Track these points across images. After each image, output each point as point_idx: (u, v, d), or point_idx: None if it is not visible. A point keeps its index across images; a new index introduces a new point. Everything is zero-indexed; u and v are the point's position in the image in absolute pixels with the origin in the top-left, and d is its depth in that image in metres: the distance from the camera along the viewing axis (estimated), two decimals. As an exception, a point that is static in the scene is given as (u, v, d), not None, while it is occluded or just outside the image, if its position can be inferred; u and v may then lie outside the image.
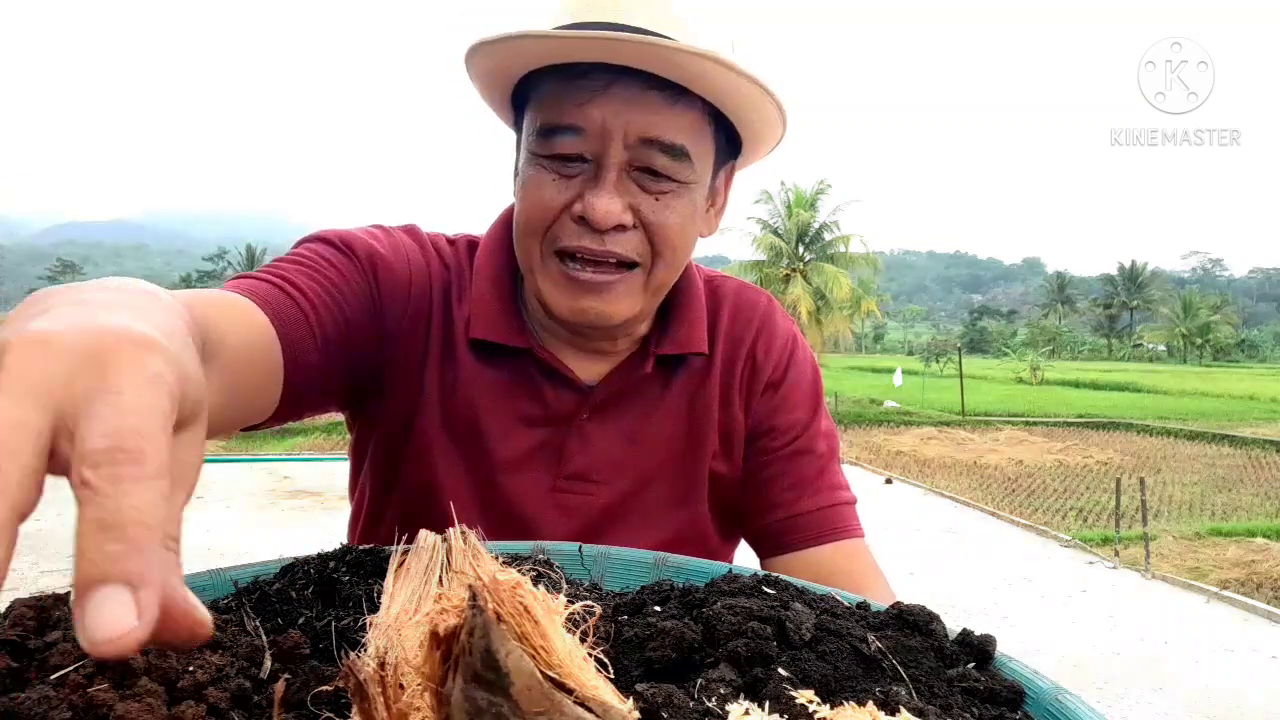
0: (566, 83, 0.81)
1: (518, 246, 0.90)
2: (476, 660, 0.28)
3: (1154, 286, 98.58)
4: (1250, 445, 17.05)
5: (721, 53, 0.78)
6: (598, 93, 0.80)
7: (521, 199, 0.87)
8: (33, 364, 0.29)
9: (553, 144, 0.82)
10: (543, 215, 0.84)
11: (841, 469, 1.03)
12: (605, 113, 0.80)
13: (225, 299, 0.72)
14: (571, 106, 0.81)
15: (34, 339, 0.30)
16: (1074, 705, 0.44)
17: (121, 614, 0.26)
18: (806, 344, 1.07)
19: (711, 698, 0.39)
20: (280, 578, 0.55)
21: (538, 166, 0.84)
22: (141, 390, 0.30)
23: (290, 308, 0.78)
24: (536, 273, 0.87)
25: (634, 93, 0.80)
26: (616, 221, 0.82)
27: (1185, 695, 5.06)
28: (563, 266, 0.85)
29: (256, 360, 0.73)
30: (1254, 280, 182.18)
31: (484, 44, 0.81)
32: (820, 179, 42.18)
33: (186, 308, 0.43)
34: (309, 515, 9.11)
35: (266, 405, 0.78)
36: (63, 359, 0.30)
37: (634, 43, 0.75)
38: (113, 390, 0.29)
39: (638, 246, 0.85)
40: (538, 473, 0.94)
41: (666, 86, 0.80)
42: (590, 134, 0.81)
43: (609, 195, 0.81)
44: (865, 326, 68.01)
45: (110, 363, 0.30)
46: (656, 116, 0.81)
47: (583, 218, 0.82)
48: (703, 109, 0.83)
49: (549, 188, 0.84)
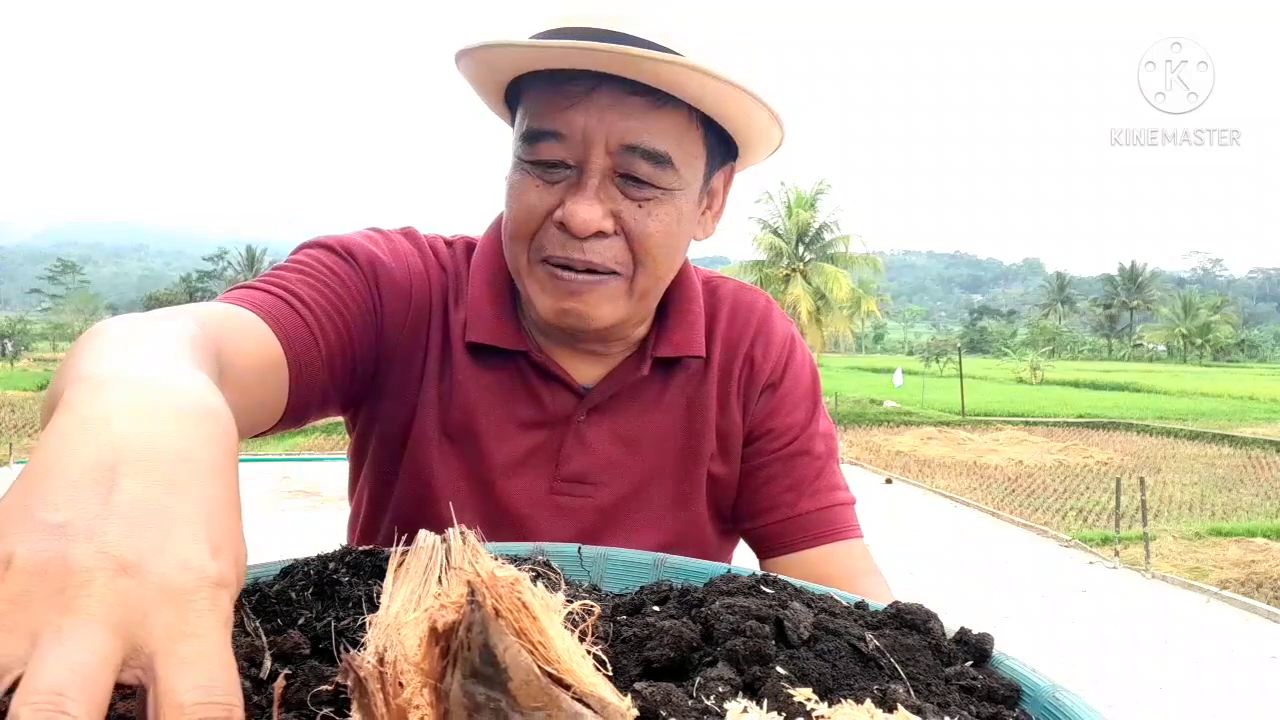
0: (552, 88, 0.81)
1: (506, 251, 0.90)
2: (475, 655, 0.28)
3: (1154, 286, 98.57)
4: (1250, 445, 17.06)
5: (707, 60, 0.77)
6: (580, 98, 0.80)
7: (508, 204, 0.87)
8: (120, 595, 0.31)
9: (536, 149, 0.82)
10: (527, 221, 0.84)
11: (840, 470, 1.03)
12: (588, 119, 0.80)
13: (232, 317, 0.72)
14: (554, 112, 0.81)
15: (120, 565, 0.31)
16: (1071, 703, 0.45)
17: None
18: (805, 345, 1.07)
19: (710, 696, 0.39)
20: (280, 578, 0.55)
21: (523, 172, 0.85)
22: (220, 637, 0.32)
23: (295, 321, 0.79)
24: (525, 276, 0.88)
25: (617, 98, 0.79)
26: (596, 229, 0.81)
27: (1185, 695, 5.06)
28: (549, 270, 0.85)
29: (264, 376, 0.74)
30: (1254, 280, 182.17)
31: (466, 52, 0.82)
32: (820, 179, 42.20)
33: (208, 344, 0.46)
34: (309, 515, 9.11)
35: (271, 416, 0.79)
36: (146, 593, 0.31)
37: (612, 53, 0.75)
38: (194, 634, 0.31)
39: (618, 254, 0.84)
40: (535, 475, 0.94)
41: (651, 91, 0.79)
42: (572, 140, 0.81)
43: (589, 203, 0.81)
44: (865, 326, 67.94)
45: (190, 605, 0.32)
46: (639, 123, 0.80)
47: (564, 224, 0.82)
48: (689, 113, 0.82)
49: (532, 194, 0.84)
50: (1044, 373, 40.03)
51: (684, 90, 0.79)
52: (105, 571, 0.31)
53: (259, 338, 0.74)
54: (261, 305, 0.77)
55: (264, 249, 77.65)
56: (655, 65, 0.76)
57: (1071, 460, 14.82)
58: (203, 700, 0.29)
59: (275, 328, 0.76)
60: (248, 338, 0.72)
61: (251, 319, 0.74)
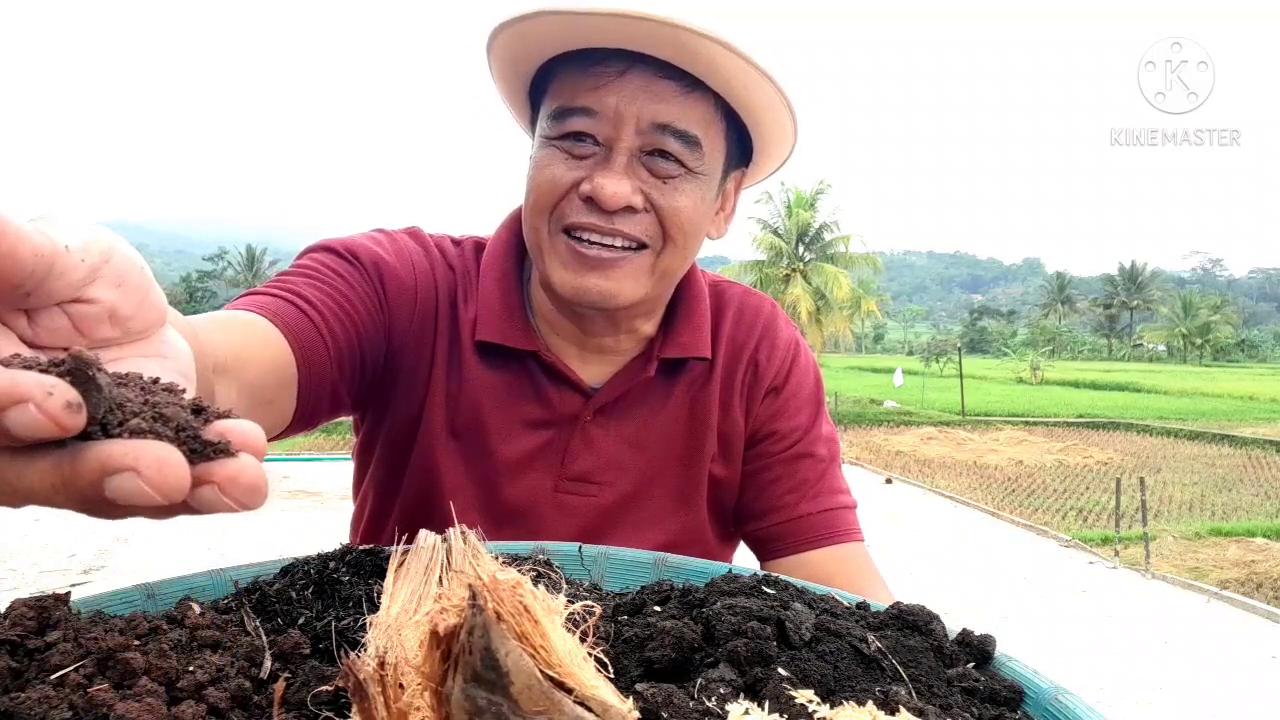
0: (582, 69, 0.82)
1: (526, 226, 0.90)
2: (476, 659, 0.28)
3: (1154, 286, 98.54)
4: (1250, 445, 17.05)
5: (740, 43, 0.77)
6: (612, 78, 0.80)
7: (531, 178, 0.87)
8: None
9: (565, 124, 0.83)
10: (551, 192, 0.84)
11: (842, 473, 1.03)
12: (620, 98, 0.80)
13: (241, 322, 0.73)
14: (586, 91, 0.81)
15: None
16: (1074, 705, 0.44)
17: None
18: (809, 350, 1.07)
19: (711, 698, 0.39)
20: (280, 578, 0.55)
21: (549, 148, 0.85)
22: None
23: (305, 325, 0.79)
24: (544, 250, 0.87)
25: (648, 80, 0.80)
26: (625, 203, 0.82)
27: (1185, 695, 5.05)
28: (570, 242, 0.85)
29: (276, 379, 0.74)
30: (1254, 280, 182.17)
31: (505, 25, 0.82)
32: (820, 179, 42.20)
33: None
34: (309, 515, 9.10)
35: (282, 419, 0.79)
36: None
37: (650, 22, 0.75)
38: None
39: (648, 228, 0.85)
40: (540, 474, 0.94)
41: (681, 77, 0.80)
42: (603, 117, 0.81)
43: (618, 177, 0.81)
44: (865, 326, 68.00)
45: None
46: (670, 104, 0.81)
47: (591, 198, 0.82)
48: (715, 104, 0.83)
49: (559, 166, 0.84)
50: (1044, 373, 40.02)
51: (718, 74, 0.80)
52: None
53: (268, 341, 0.74)
54: (269, 309, 0.77)
55: (264, 249, 77.62)
56: (695, 39, 0.76)
57: (1071, 460, 14.81)
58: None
59: (284, 330, 0.76)
60: (257, 341, 0.72)
61: (260, 323, 0.75)
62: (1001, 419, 21.26)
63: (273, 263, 74.21)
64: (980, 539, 9.00)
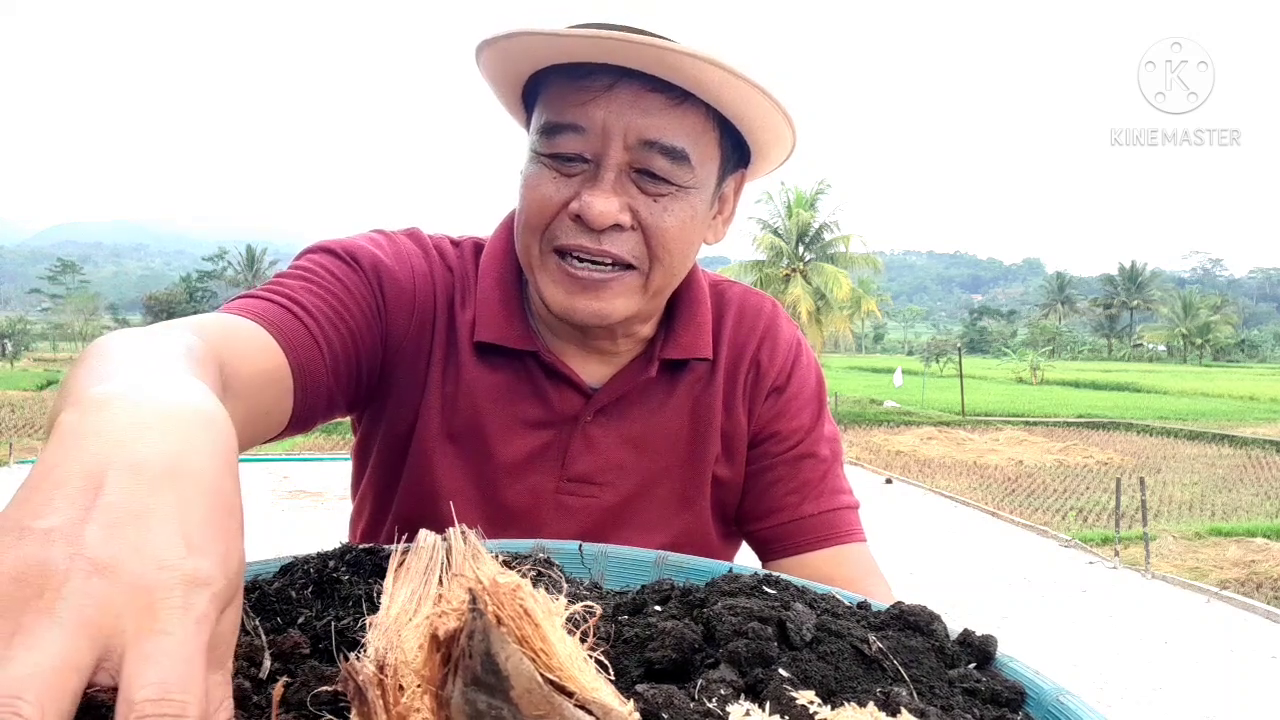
0: (571, 82, 0.81)
1: (518, 243, 0.89)
2: (476, 663, 0.28)
3: (1154, 286, 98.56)
4: (1250, 445, 17.04)
5: (727, 57, 0.76)
6: (600, 93, 0.80)
7: (522, 196, 0.87)
8: (92, 597, 0.30)
9: (554, 142, 0.82)
10: (541, 212, 0.84)
11: (844, 474, 1.03)
12: (607, 113, 0.80)
13: (234, 327, 0.73)
14: (574, 106, 0.81)
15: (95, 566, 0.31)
16: (1075, 706, 0.44)
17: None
18: (811, 350, 1.07)
19: (712, 698, 0.39)
20: (280, 577, 0.54)
21: (539, 164, 0.84)
22: (189, 635, 0.31)
23: (299, 330, 0.79)
24: (536, 269, 0.87)
25: (637, 94, 0.79)
26: (612, 221, 0.81)
27: (1185, 695, 5.05)
28: (561, 263, 0.85)
29: (268, 384, 0.74)
30: (1254, 280, 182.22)
31: (488, 42, 0.81)
32: (820, 179, 42.16)
33: (209, 355, 0.48)
34: (309, 515, 9.10)
35: (277, 424, 0.79)
36: (118, 593, 0.31)
37: (633, 43, 0.75)
38: (162, 631, 0.31)
39: (634, 248, 0.84)
40: (541, 475, 0.94)
41: (670, 89, 0.79)
42: (591, 133, 0.81)
43: (605, 195, 0.81)
44: (865, 326, 68.01)
45: (161, 603, 0.31)
46: (658, 119, 0.80)
47: (579, 216, 0.82)
48: (707, 114, 0.82)
49: (548, 185, 0.83)
50: (1044, 373, 40.03)
51: (704, 87, 0.79)
52: (80, 573, 0.31)
53: (262, 347, 0.74)
54: (263, 314, 0.77)
55: (264, 249, 77.68)
56: (679, 58, 0.75)
57: (1071, 460, 14.81)
58: (154, 697, 0.29)
59: (278, 336, 0.76)
60: (250, 347, 0.72)
61: (253, 328, 0.74)
62: (1001, 419, 21.26)
63: (272, 263, 74.23)
64: (980, 539, 9.00)
